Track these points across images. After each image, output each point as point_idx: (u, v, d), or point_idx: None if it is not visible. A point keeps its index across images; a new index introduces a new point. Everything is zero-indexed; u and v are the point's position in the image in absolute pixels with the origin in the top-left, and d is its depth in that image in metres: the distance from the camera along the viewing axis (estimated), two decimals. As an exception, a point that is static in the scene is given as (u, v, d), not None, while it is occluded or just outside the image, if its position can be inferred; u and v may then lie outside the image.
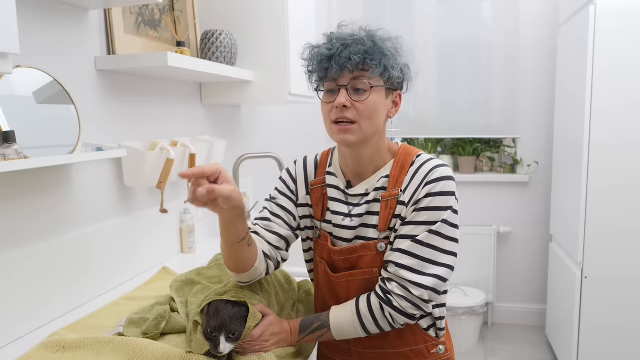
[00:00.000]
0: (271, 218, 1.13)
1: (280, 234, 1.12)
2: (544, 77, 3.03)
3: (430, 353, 1.08)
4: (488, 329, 3.22)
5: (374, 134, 1.01)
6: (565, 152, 2.60)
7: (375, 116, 0.99)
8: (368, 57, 0.96)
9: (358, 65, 0.96)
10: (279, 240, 1.12)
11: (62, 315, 1.31)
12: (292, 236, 1.15)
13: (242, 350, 0.97)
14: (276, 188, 1.18)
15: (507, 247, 3.23)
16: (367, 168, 1.07)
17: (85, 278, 1.39)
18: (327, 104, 1.01)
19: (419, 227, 0.99)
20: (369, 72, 0.97)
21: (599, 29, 2.16)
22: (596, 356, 2.34)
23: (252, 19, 2.02)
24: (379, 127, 1.02)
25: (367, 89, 0.98)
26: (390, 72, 0.98)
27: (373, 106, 0.98)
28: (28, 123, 1.16)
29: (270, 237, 1.11)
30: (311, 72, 1.03)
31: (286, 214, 1.14)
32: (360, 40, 0.96)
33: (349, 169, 1.09)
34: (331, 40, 0.99)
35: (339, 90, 0.98)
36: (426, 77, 3.17)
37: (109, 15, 1.48)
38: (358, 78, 0.97)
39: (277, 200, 1.15)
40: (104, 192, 1.50)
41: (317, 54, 0.99)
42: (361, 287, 1.06)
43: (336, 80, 0.98)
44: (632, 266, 2.24)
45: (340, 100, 0.97)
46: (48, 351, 1.07)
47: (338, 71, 0.97)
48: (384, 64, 0.97)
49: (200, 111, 2.08)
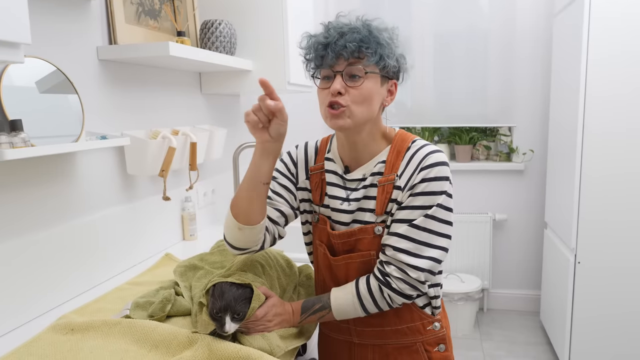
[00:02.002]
0: (272, 196, 1.17)
1: (281, 210, 1.16)
2: (540, 66, 3.06)
3: (426, 330, 1.13)
4: (484, 314, 3.28)
5: (367, 120, 1.04)
6: (559, 141, 2.64)
7: (369, 102, 1.02)
8: (363, 45, 0.98)
9: (353, 53, 0.98)
10: (279, 217, 1.16)
11: (69, 299, 1.34)
12: (292, 214, 1.19)
13: (246, 329, 1.00)
14: (277, 169, 1.21)
15: (502, 234, 3.28)
16: (363, 154, 1.10)
17: (90, 264, 1.43)
18: (323, 90, 1.04)
19: (415, 211, 1.02)
20: (364, 60, 1.00)
21: (593, 18, 2.18)
22: (588, 339, 2.40)
23: (251, 8, 2.04)
24: (373, 114, 1.04)
25: (362, 74, 1.00)
26: (385, 60, 1.01)
27: (367, 92, 1.01)
28: (32, 112, 1.18)
29: (272, 212, 1.15)
30: (308, 60, 1.06)
31: (288, 193, 1.18)
32: (356, 29, 0.99)
33: (346, 154, 1.12)
34: (328, 29, 1.01)
35: (334, 76, 1.01)
36: (423, 66, 3.19)
37: (110, 5, 1.50)
38: (353, 64, 1.00)
39: (279, 179, 1.19)
40: (107, 180, 1.53)
41: (315, 42, 1.02)
42: (359, 269, 1.10)
43: (332, 67, 1.01)
44: (624, 252, 2.29)
45: (335, 87, 1.00)
46: (57, 333, 1.10)
47: (334, 58, 1.00)
48: (380, 53, 1.00)
49: (200, 100, 2.11)
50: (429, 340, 1.13)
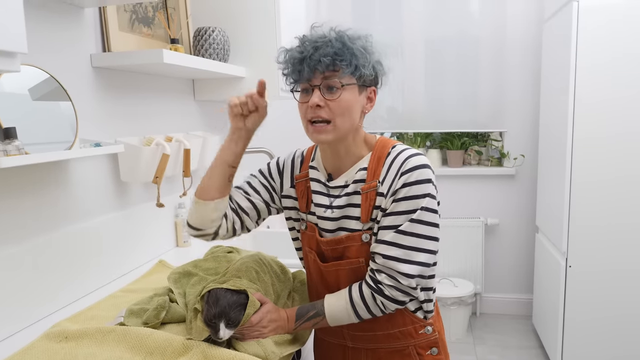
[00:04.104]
0: (248, 190, 1.21)
1: (254, 202, 1.20)
2: (530, 72, 3.09)
3: (418, 334, 1.14)
4: (476, 318, 3.30)
5: (349, 130, 1.06)
6: (550, 146, 2.67)
7: (349, 113, 1.04)
8: (337, 57, 1.00)
9: (328, 66, 1.00)
10: (250, 208, 1.20)
11: (63, 307, 1.34)
12: (265, 210, 1.22)
13: (241, 336, 1.01)
14: (261, 171, 1.24)
15: (494, 238, 3.31)
16: (345, 161, 1.11)
17: (84, 271, 1.42)
18: (302, 104, 1.06)
19: (400, 217, 1.03)
20: (340, 72, 1.01)
21: (582, 25, 2.22)
22: (580, 342, 2.42)
23: (244, 16, 2.05)
24: (354, 123, 1.06)
25: (339, 87, 1.02)
26: (361, 70, 1.03)
27: (345, 104, 1.03)
28: (26, 119, 1.19)
29: (243, 201, 1.19)
30: (286, 75, 1.09)
31: (266, 191, 1.21)
32: (329, 42, 1.01)
33: (329, 163, 1.14)
34: (304, 43, 1.04)
35: (312, 90, 1.03)
36: (414, 72, 3.22)
37: (103, 12, 1.51)
38: (329, 78, 1.02)
39: (260, 179, 1.23)
40: (101, 187, 1.53)
41: (291, 57, 1.05)
42: (349, 276, 1.11)
43: (309, 81, 1.03)
44: (614, 255, 2.32)
45: (314, 100, 1.02)
46: (51, 341, 1.10)
47: (310, 72, 1.02)
48: (354, 63, 1.02)
49: (193, 107, 2.11)
50: (421, 344, 1.14)
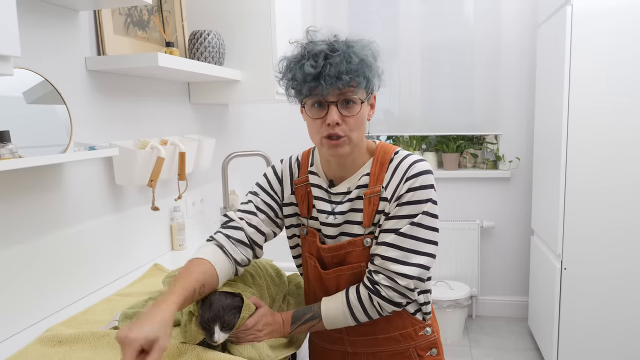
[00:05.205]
0: (251, 218, 1.15)
1: (259, 229, 1.14)
2: (525, 75, 3.11)
3: (418, 335, 1.14)
4: (472, 321, 3.30)
5: (361, 141, 1.07)
6: (544, 149, 2.68)
7: (363, 126, 1.05)
8: (355, 74, 0.97)
9: (348, 83, 0.97)
10: (257, 235, 1.14)
11: (57, 311, 1.33)
12: (271, 233, 1.18)
13: (236, 339, 1.01)
14: (260, 185, 1.19)
15: (490, 241, 3.31)
16: (349, 169, 1.11)
17: (78, 275, 1.42)
18: (315, 120, 1.02)
19: (401, 220, 1.04)
20: (356, 87, 1.00)
21: (575, 29, 2.23)
22: (576, 345, 2.43)
23: (240, 19, 2.05)
24: (365, 133, 1.07)
25: (358, 103, 1.01)
26: (372, 82, 1.02)
27: (361, 118, 1.03)
28: (20, 123, 1.18)
29: (250, 230, 1.13)
30: (294, 88, 1.03)
31: (270, 209, 1.17)
32: (345, 56, 0.96)
33: (331, 170, 1.13)
34: (311, 53, 0.97)
35: (328, 106, 1.00)
36: (410, 76, 3.23)
37: (98, 16, 1.50)
38: (346, 93, 0.99)
39: (261, 196, 1.17)
40: (96, 190, 1.52)
41: (301, 72, 0.98)
42: (350, 281, 1.11)
43: (324, 96, 0.99)
44: (609, 258, 2.33)
45: (333, 118, 0.99)
46: (45, 346, 1.09)
47: (326, 89, 0.97)
48: (368, 77, 1.00)
49: (188, 110, 2.11)
50: (421, 346, 1.15)
